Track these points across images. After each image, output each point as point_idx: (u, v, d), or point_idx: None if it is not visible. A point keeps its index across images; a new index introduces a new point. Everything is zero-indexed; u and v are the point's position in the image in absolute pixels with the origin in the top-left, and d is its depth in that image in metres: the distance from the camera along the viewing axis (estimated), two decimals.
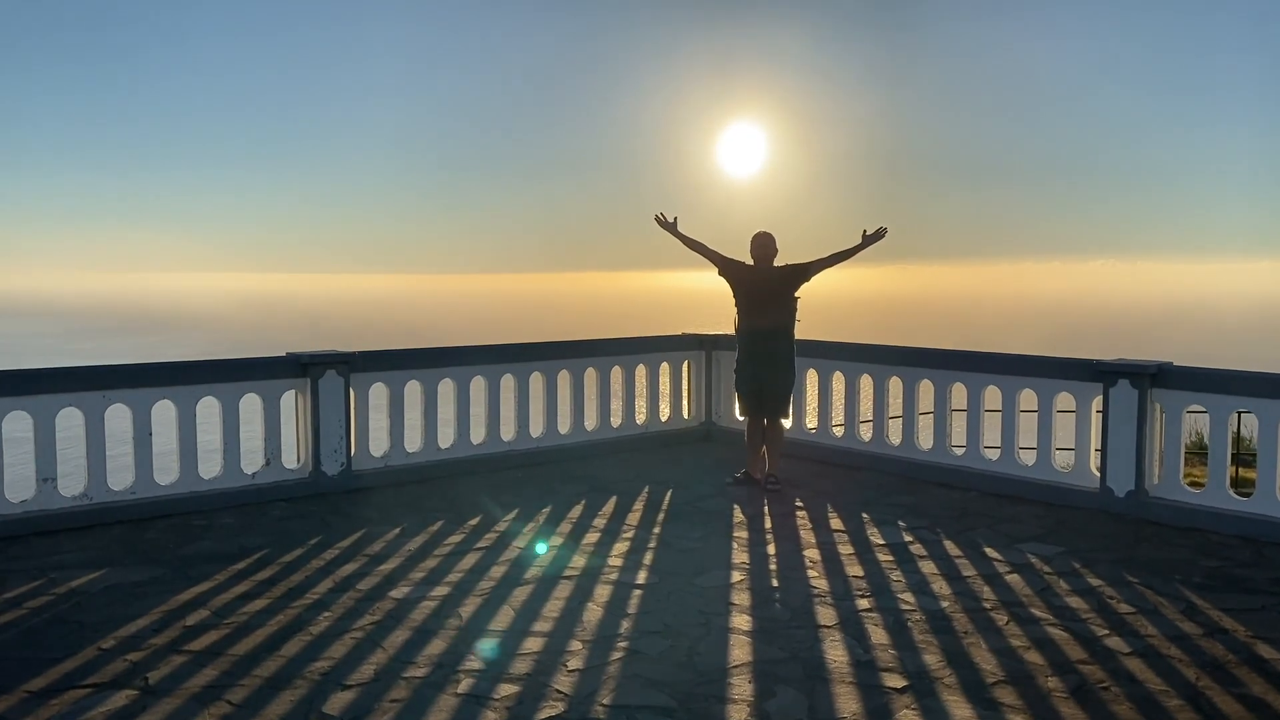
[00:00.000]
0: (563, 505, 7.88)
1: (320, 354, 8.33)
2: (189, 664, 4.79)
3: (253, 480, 8.07)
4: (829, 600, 5.75)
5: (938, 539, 7.01)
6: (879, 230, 8.30)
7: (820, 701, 4.44)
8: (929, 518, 7.56)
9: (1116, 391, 7.69)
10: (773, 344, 8.40)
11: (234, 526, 7.30)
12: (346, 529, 7.21)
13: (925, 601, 5.73)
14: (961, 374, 8.76)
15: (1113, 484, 7.72)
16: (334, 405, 8.31)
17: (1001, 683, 4.63)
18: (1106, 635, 5.22)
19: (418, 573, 6.20)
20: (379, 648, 5.00)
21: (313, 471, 8.27)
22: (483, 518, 7.48)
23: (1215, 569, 6.35)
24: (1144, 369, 7.56)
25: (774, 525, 7.41)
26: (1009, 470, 8.41)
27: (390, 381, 8.71)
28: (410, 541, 6.89)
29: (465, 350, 9.30)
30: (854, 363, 9.54)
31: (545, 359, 9.71)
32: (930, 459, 8.94)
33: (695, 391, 10.84)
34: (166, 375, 7.80)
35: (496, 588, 5.92)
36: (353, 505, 7.93)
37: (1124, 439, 7.66)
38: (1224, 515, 7.19)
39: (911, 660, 4.89)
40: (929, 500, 8.14)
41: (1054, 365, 8.25)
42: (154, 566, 6.33)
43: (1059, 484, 8.09)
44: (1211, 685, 4.61)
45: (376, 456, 8.66)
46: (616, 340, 10.42)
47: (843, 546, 6.84)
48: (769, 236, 8.48)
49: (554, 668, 4.77)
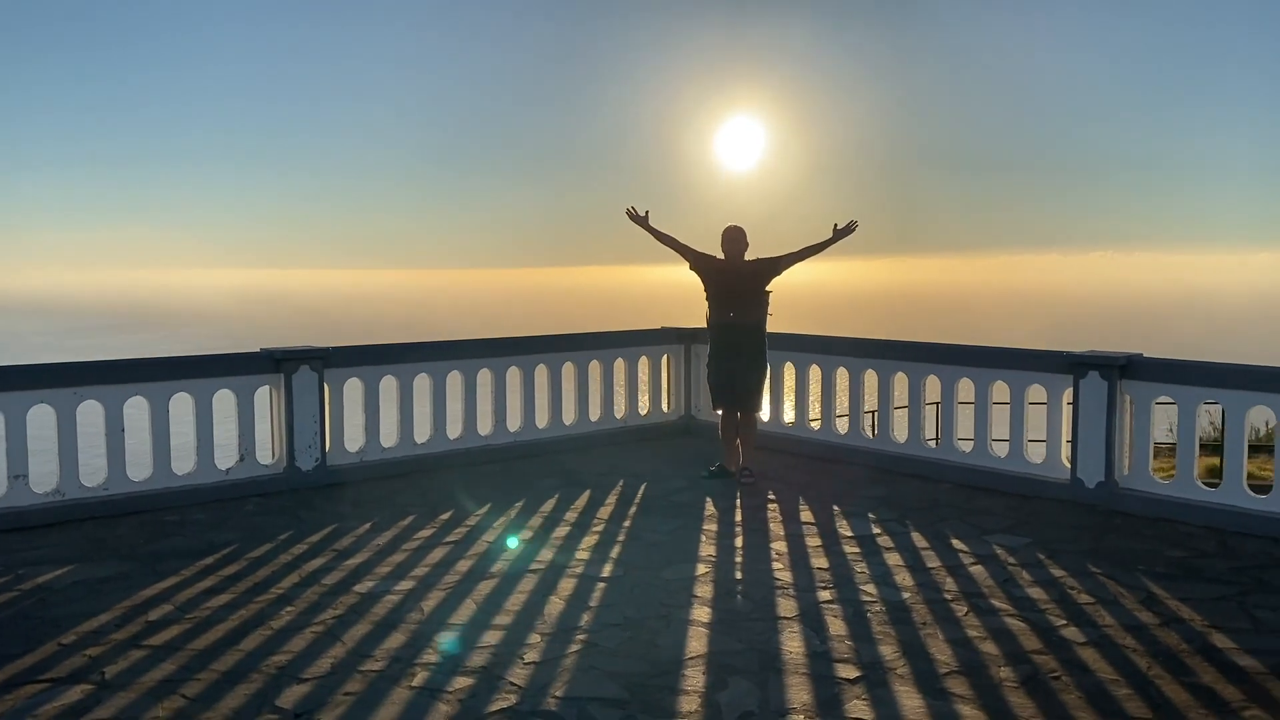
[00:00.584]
0: (536, 499, 7.91)
1: (294, 349, 8.34)
2: (147, 659, 4.82)
3: (227, 476, 8.09)
4: (791, 592, 5.78)
5: (906, 531, 7.04)
6: (849, 224, 8.32)
7: (772, 692, 4.47)
8: (900, 509, 7.59)
9: (1087, 383, 7.72)
10: (744, 338, 8.42)
11: (206, 522, 7.32)
12: (318, 524, 7.24)
13: (887, 593, 5.76)
14: (935, 366, 8.79)
15: (1083, 475, 7.75)
16: (308, 400, 8.33)
17: (954, 673, 4.66)
18: (1064, 625, 5.25)
19: (384, 567, 6.22)
20: (338, 641, 5.03)
21: (287, 467, 8.29)
22: (454, 512, 7.51)
23: (1179, 559, 6.37)
24: (1113, 361, 7.59)
25: (744, 518, 7.43)
26: (982, 462, 8.44)
27: (365, 376, 8.72)
28: (380, 536, 6.91)
29: (441, 345, 9.31)
30: (830, 356, 9.55)
31: (523, 354, 9.72)
32: (905, 451, 8.96)
33: (674, 385, 10.86)
34: (138, 372, 7.81)
35: (461, 582, 5.94)
36: (326, 500, 7.95)
37: (1094, 430, 7.68)
38: (1192, 506, 7.22)
39: (867, 651, 4.92)
40: (902, 492, 8.17)
41: (1026, 357, 8.27)
42: (122, 562, 6.35)
43: (1031, 475, 8.11)
44: (1162, 674, 4.64)
45: (352, 452, 8.68)
46: (595, 335, 10.44)
47: (810, 539, 6.87)
48: (740, 231, 8.49)
49: (511, 660, 4.80)
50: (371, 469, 8.68)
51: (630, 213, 8.58)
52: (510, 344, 9.74)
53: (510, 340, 9.80)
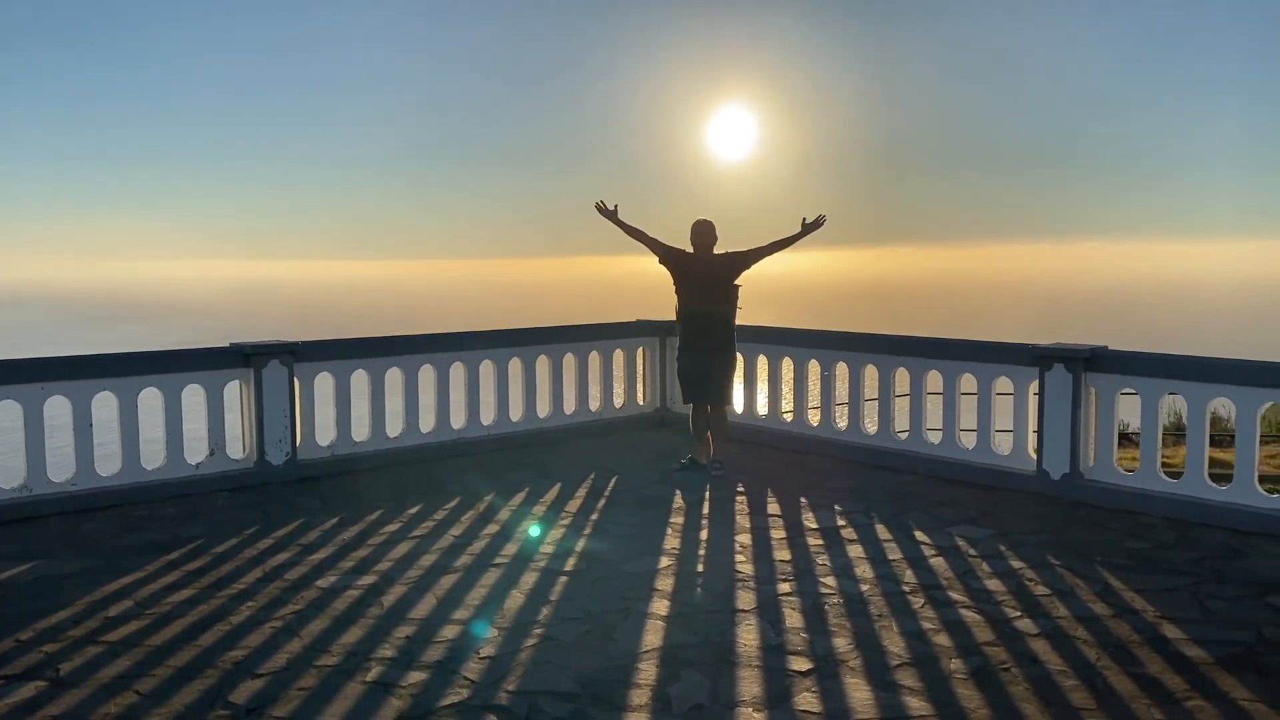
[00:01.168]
0: (507, 492, 7.93)
1: (264, 344, 8.34)
2: (103, 655, 4.83)
3: (197, 471, 8.10)
4: (751, 585, 5.82)
5: (871, 522, 7.08)
6: (818, 218, 8.36)
7: (723, 685, 4.51)
8: (866, 501, 7.64)
9: (1052, 376, 7.76)
10: (713, 331, 8.45)
11: (174, 517, 7.33)
12: (285, 519, 7.25)
13: (846, 585, 5.80)
14: (904, 359, 8.83)
15: (1049, 467, 7.81)
16: (278, 395, 8.33)
17: (905, 665, 4.71)
18: (1018, 617, 5.30)
19: (347, 562, 6.24)
20: (296, 636, 5.05)
21: (258, 462, 8.30)
22: (422, 506, 7.52)
23: (1138, 550, 6.43)
24: (1078, 353, 7.63)
25: (712, 510, 7.47)
26: (949, 454, 8.49)
27: (336, 371, 8.73)
28: (346, 531, 6.93)
29: (413, 339, 9.32)
30: (802, 348, 9.59)
31: (497, 347, 9.73)
32: (874, 443, 9.01)
33: (650, 378, 10.89)
34: (106, 367, 7.80)
35: (424, 576, 5.96)
36: (296, 495, 7.96)
37: (1059, 422, 7.73)
38: (1154, 497, 7.28)
39: (821, 644, 4.96)
40: (870, 484, 8.21)
41: (992, 350, 8.32)
42: (87, 558, 6.35)
43: (997, 467, 8.17)
44: (1110, 665, 4.69)
45: (323, 446, 8.69)
46: (570, 328, 10.46)
47: (775, 531, 6.90)
48: (709, 224, 8.51)
49: (466, 655, 4.82)
50: (342, 463, 8.69)
51: (599, 206, 8.59)
52: (484, 337, 9.75)
53: (484, 334, 9.81)
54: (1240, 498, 6.94)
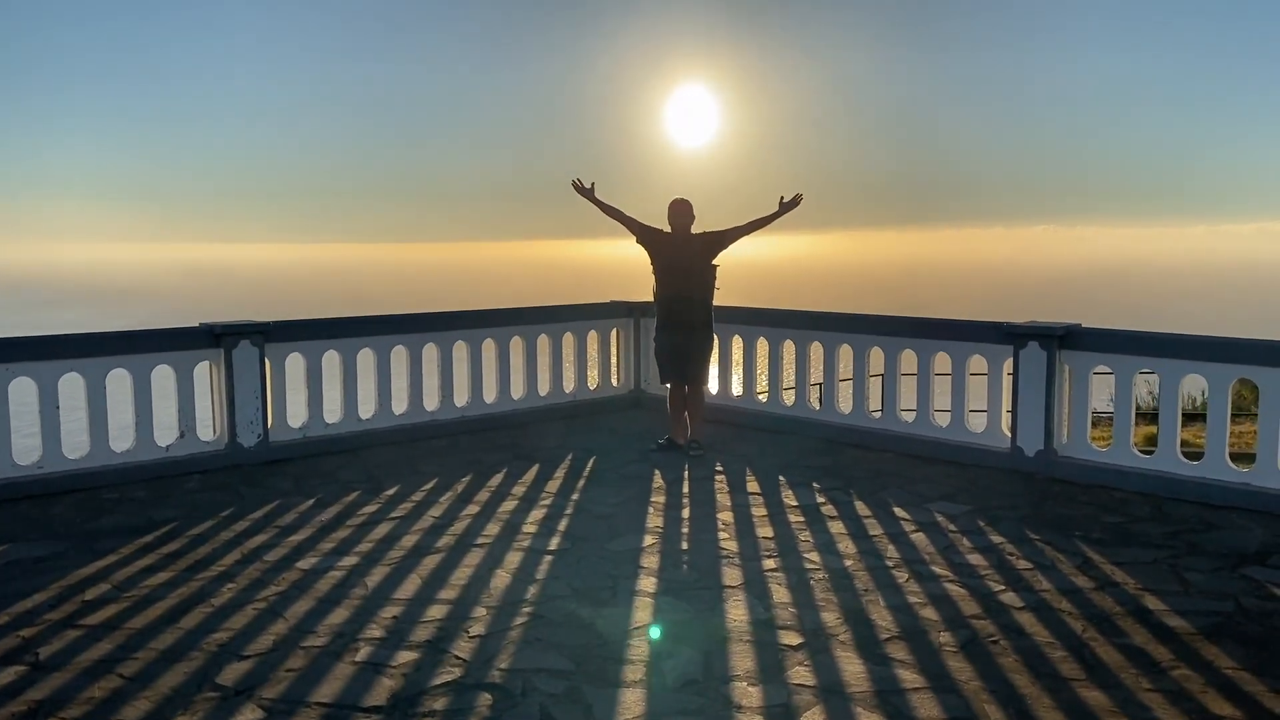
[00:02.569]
0: (483, 474, 7.87)
1: (234, 324, 8.20)
2: (83, 638, 4.73)
3: (167, 453, 7.95)
4: (736, 561, 5.82)
5: (850, 499, 7.12)
6: (795, 197, 8.36)
7: (716, 660, 4.51)
8: (844, 479, 7.67)
9: (1026, 353, 7.84)
10: (691, 312, 8.43)
11: (145, 500, 7.20)
12: (260, 501, 7.15)
13: (830, 560, 5.83)
14: (878, 338, 8.87)
15: (1023, 444, 7.89)
16: (249, 376, 8.20)
17: (895, 638, 4.74)
18: (1002, 591, 5.35)
19: (328, 543, 6.16)
20: (280, 618, 4.98)
21: (229, 443, 8.17)
22: (399, 488, 7.45)
23: (1114, 525, 6.52)
24: (1052, 331, 7.71)
25: (691, 489, 7.47)
26: (924, 432, 8.55)
27: (307, 351, 8.60)
28: (323, 512, 6.84)
29: (385, 320, 9.22)
30: (777, 329, 9.60)
31: (469, 328, 9.65)
32: (849, 422, 9.06)
33: (624, 359, 10.86)
34: (73, 347, 7.63)
35: (406, 557, 5.90)
36: (269, 477, 7.85)
37: (1033, 400, 7.81)
38: (1128, 473, 7.38)
39: (810, 618, 4.98)
40: (846, 462, 8.25)
41: (966, 328, 8.38)
42: (58, 541, 6.22)
43: (972, 444, 8.24)
44: (1096, 637, 4.75)
45: (295, 428, 8.58)
46: (543, 308, 10.39)
47: (756, 509, 6.92)
48: (686, 204, 8.48)
49: (456, 634, 4.78)
50: (315, 445, 8.58)
51: (576, 184, 8.53)
52: (456, 318, 9.66)
53: (456, 314, 9.72)
54: (1211, 472, 7.05)
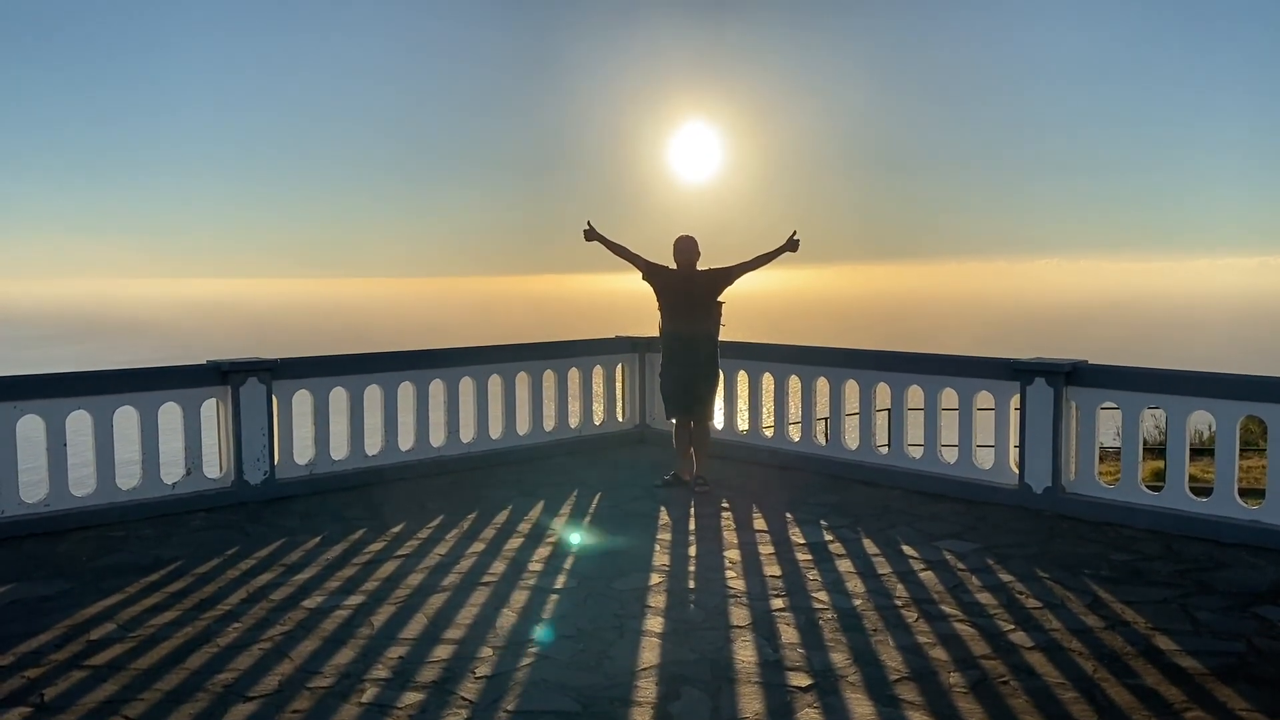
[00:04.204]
0: (490, 510, 7.85)
1: (241, 361, 8.22)
2: (89, 679, 4.71)
3: (173, 490, 7.95)
4: (744, 600, 5.79)
5: (857, 537, 7.09)
6: (794, 239, 8.45)
7: (724, 702, 4.47)
8: (851, 516, 7.65)
9: (1033, 390, 7.83)
10: (696, 348, 8.45)
11: (152, 538, 7.18)
12: (266, 538, 7.13)
13: (839, 600, 5.80)
14: (885, 374, 8.87)
15: (1030, 480, 7.86)
16: (256, 413, 8.22)
17: (904, 679, 4.70)
18: (1012, 630, 5.31)
19: (333, 582, 6.14)
20: (286, 658, 4.95)
21: (235, 481, 8.17)
22: (405, 525, 7.44)
23: (1124, 563, 6.48)
24: (1059, 367, 7.71)
25: (698, 527, 7.44)
26: (931, 468, 8.53)
27: (314, 388, 8.63)
28: (329, 550, 6.83)
29: (392, 356, 9.24)
30: (783, 364, 9.61)
31: (476, 364, 9.67)
32: (856, 458, 9.04)
33: (629, 394, 10.87)
34: (80, 385, 7.65)
35: (412, 595, 5.88)
36: (275, 515, 7.84)
37: (1041, 436, 7.79)
38: (1136, 510, 7.35)
39: (819, 659, 4.94)
40: (853, 499, 8.23)
41: (973, 364, 8.38)
42: (64, 580, 6.21)
43: (979, 481, 8.22)
44: (1107, 677, 4.71)
45: (301, 465, 8.58)
46: (548, 344, 10.42)
47: (763, 546, 6.89)
48: (691, 241, 8.52)
49: (462, 675, 4.76)
50: (321, 482, 8.58)
51: (587, 230, 8.60)
52: (463, 354, 9.68)
53: (462, 350, 9.74)
54: (1221, 510, 7.02)
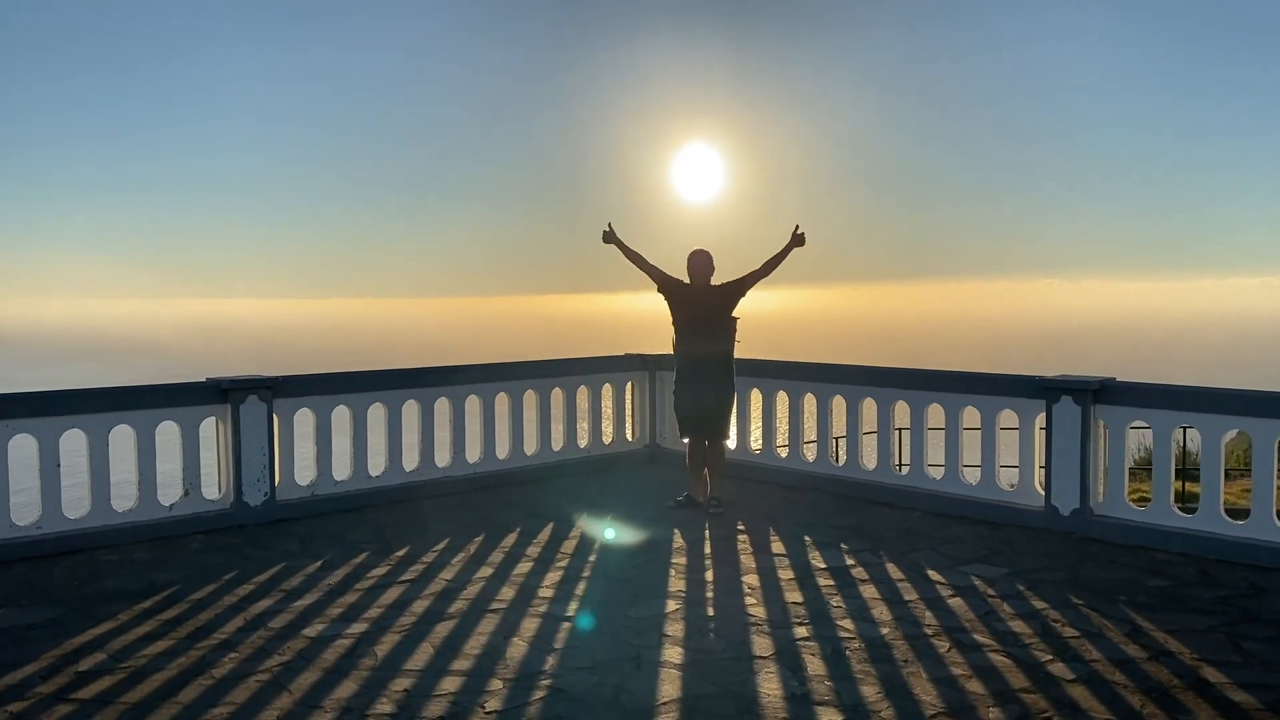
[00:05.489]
0: (497, 533, 7.59)
1: (242, 379, 7.98)
2: (75, 714, 4.45)
3: (170, 512, 7.69)
4: (765, 629, 5.52)
5: (880, 561, 6.82)
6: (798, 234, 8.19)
7: None
8: (872, 539, 7.37)
9: (1060, 408, 7.57)
10: (711, 365, 8.20)
11: (147, 562, 6.92)
12: (265, 562, 6.87)
13: (865, 628, 5.52)
14: (904, 392, 8.61)
15: (1057, 502, 7.59)
16: (256, 432, 7.97)
17: (941, 715, 4.42)
18: (1050, 661, 5.03)
19: (335, 609, 5.87)
20: (285, 691, 4.69)
21: (234, 502, 7.91)
22: (410, 549, 7.17)
23: (1161, 589, 6.20)
24: (1086, 385, 7.45)
25: (714, 550, 7.17)
26: (953, 489, 8.26)
27: (317, 407, 8.38)
28: (331, 575, 6.56)
29: (396, 374, 8.99)
30: (797, 381, 9.35)
31: (482, 382, 9.41)
32: (874, 479, 8.76)
33: (639, 413, 10.61)
34: (75, 403, 7.41)
35: (417, 624, 5.61)
36: (275, 537, 7.57)
37: (1068, 456, 7.53)
38: (1169, 533, 7.07)
39: (848, 692, 4.67)
40: (873, 521, 7.95)
41: (997, 382, 8.12)
42: (53, 607, 5.94)
43: (1004, 503, 7.94)
44: (1157, 713, 4.43)
45: (303, 486, 8.32)
46: (557, 361, 10.17)
47: (783, 571, 6.61)
48: (706, 255, 8.29)
49: (470, 709, 4.49)
50: (323, 503, 8.32)
51: (606, 233, 8.38)
52: (469, 372, 9.42)
53: (469, 368, 9.49)
54: (1260, 533, 6.74)
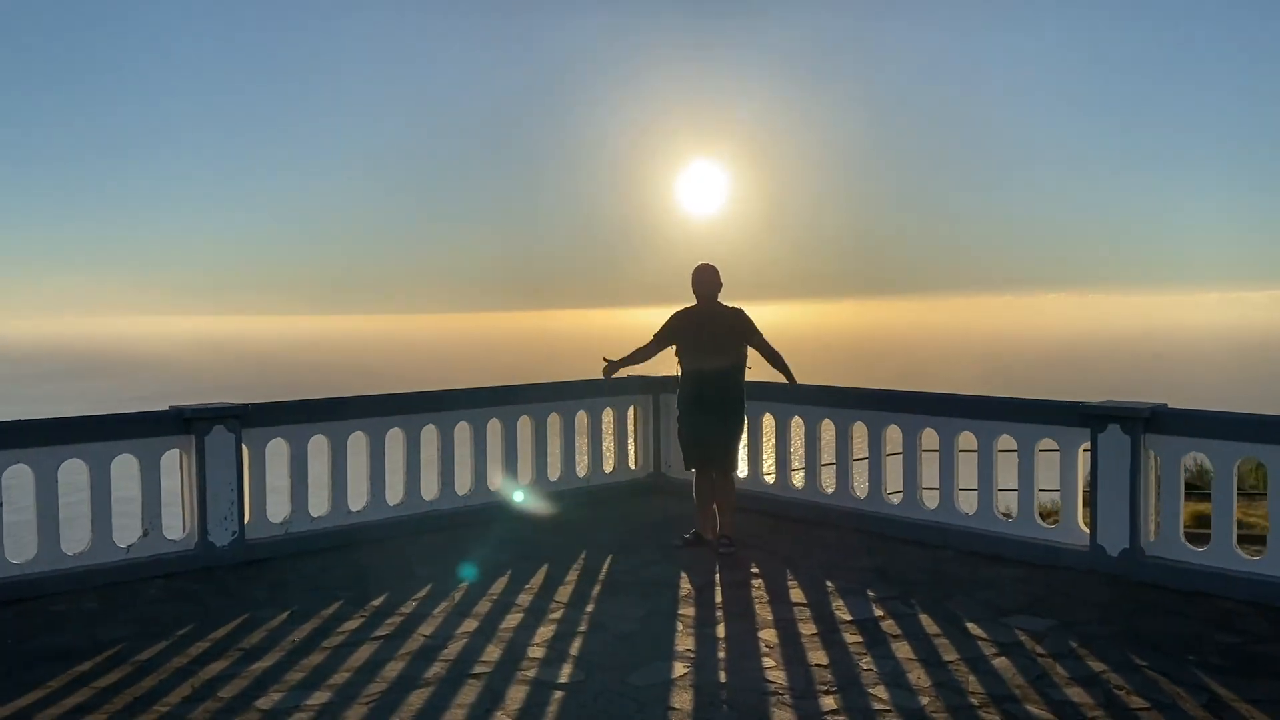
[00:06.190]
0: (485, 577, 6.89)
1: (207, 407, 7.29)
2: None
3: (127, 555, 7.00)
4: (787, 699, 4.80)
5: (912, 612, 6.10)
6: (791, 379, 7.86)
7: None
8: (901, 584, 6.65)
9: (1106, 438, 6.86)
10: (716, 387, 7.52)
11: (96, 613, 6.22)
12: (227, 614, 6.16)
13: (901, 698, 4.81)
14: (932, 419, 7.90)
15: (1104, 542, 6.87)
16: (224, 465, 7.28)
17: None
18: None
19: (297, 672, 5.17)
20: None
21: (199, 543, 7.22)
22: (388, 596, 6.46)
23: (1233, 646, 5.47)
24: (1136, 412, 6.74)
25: (726, 599, 6.46)
26: (987, 526, 7.54)
27: (291, 437, 7.69)
28: (297, 629, 5.85)
29: (378, 400, 8.30)
30: (814, 406, 8.64)
31: (474, 407, 8.73)
32: (899, 513, 8.04)
33: (642, 439, 9.91)
34: (20, 436, 6.72)
35: (388, 692, 4.90)
36: (242, 582, 6.88)
37: (1116, 491, 6.81)
38: (1233, 578, 6.34)
39: None
40: (900, 561, 7.24)
41: (1035, 409, 7.40)
42: None
43: (1044, 542, 7.22)
44: None
45: (275, 523, 7.63)
46: (553, 385, 9.48)
47: (804, 624, 5.90)
48: (712, 270, 7.62)
49: None
50: (299, 542, 7.62)
51: (606, 368, 8.07)
52: (457, 397, 8.74)
53: (457, 393, 8.80)
54: None
